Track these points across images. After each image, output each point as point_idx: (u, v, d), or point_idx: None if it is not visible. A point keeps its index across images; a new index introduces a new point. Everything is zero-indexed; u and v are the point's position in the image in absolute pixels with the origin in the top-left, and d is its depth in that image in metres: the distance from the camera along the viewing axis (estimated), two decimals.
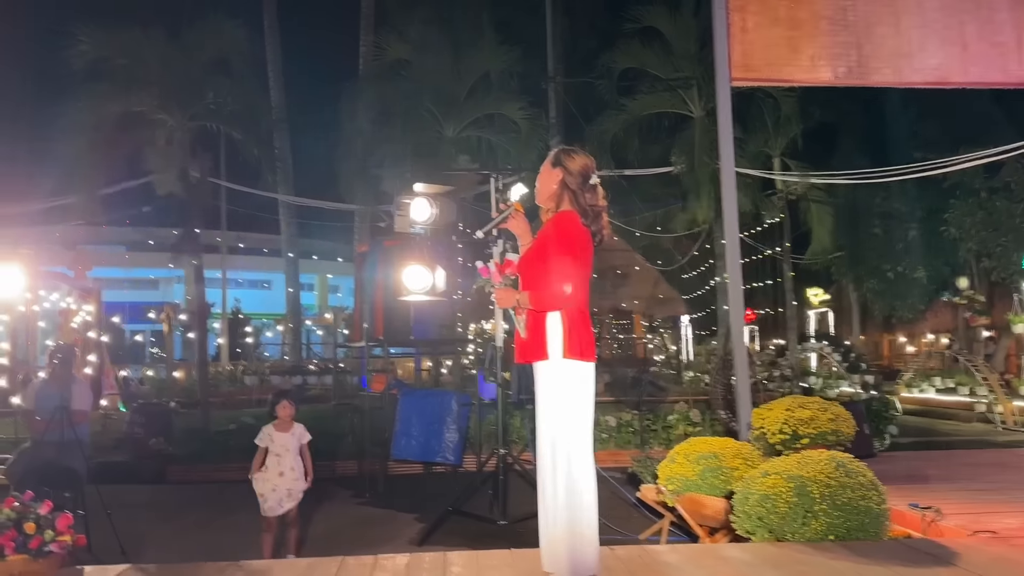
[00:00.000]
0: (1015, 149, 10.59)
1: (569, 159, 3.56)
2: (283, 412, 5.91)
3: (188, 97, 12.48)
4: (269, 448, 5.79)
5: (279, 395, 6.14)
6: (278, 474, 5.75)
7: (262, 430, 5.90)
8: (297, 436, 5.93)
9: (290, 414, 5.96)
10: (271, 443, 5.80)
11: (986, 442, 12.38)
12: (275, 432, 5.83)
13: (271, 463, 5.75)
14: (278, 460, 5.76)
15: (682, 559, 4.08)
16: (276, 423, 5.89)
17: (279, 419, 5.90)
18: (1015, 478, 6.56)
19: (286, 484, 5.76)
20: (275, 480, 5.75)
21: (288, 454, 5.80)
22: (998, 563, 3.90)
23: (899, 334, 28.35)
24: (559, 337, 3.34)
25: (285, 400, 6.01)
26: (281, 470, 5.76)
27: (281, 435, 5.83)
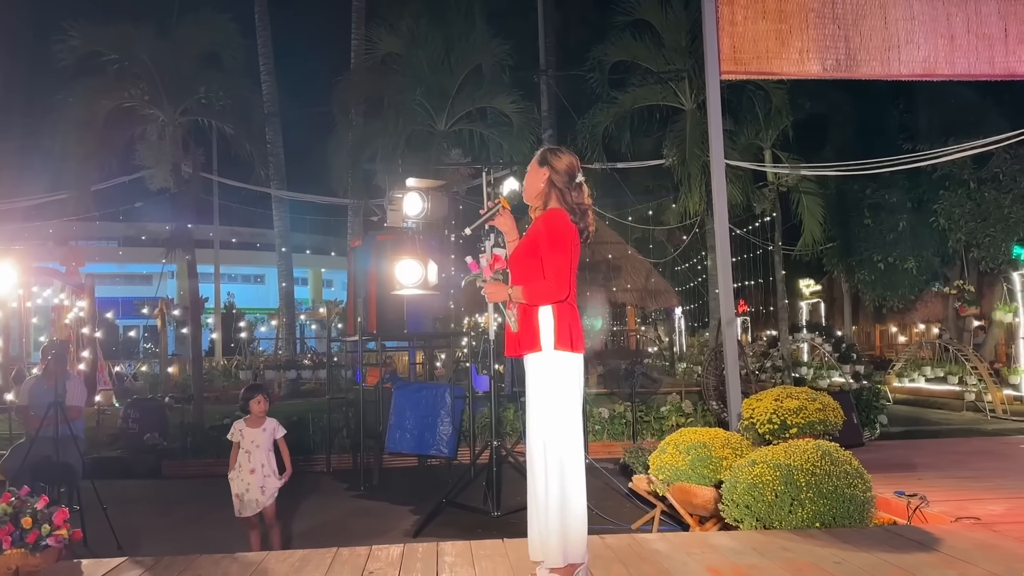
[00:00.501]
0: (1004, 140, 10.65)
1: (555, 158, 3.62)
2: (257, 407, 5.72)
3: (179, 91, 12.45)
4: (240, 444, 5.62)
5: (253, 389, 5.91)
6: (249, 471, 5.56)
7: (233, 425, 5.74)
8: (270, 431, 5.72)
9: (264, 409, 5.76)
10: (241, 439, 5.63)
11: (975, 431, 12.48)
12: (246, 428, 5.65)
13: (242, 460, 5.59)
14: (248, 457, 5.58)
15: (670, 547, 4.15)
16: (248, 418, 5.71)
17: (252, 414, 5.71)
18: (1001, 466, 6.65)
19: (258, 482, 5.56)
20: (247, 478, 5.56)
21: (259, 450, 5.60)
22: (979, 548, 3.97)
23: (890, 324, 28.52)
24: (550, 329, 3.43)
25: (260, 394, 5.80)
26: (252, 467, 5.57)
27: (252, 430, 5.64)
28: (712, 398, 12.11)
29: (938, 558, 3.83)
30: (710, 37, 8.07)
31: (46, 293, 16.93)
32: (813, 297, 25.53)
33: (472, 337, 13.48)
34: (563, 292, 3.43)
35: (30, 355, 16.42)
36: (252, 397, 5.72)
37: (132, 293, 33.95)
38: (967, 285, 18.28)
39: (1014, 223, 14.72)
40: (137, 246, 37.18)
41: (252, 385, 6.12)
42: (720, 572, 3.66)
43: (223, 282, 26.34)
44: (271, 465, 5.63)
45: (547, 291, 3.42)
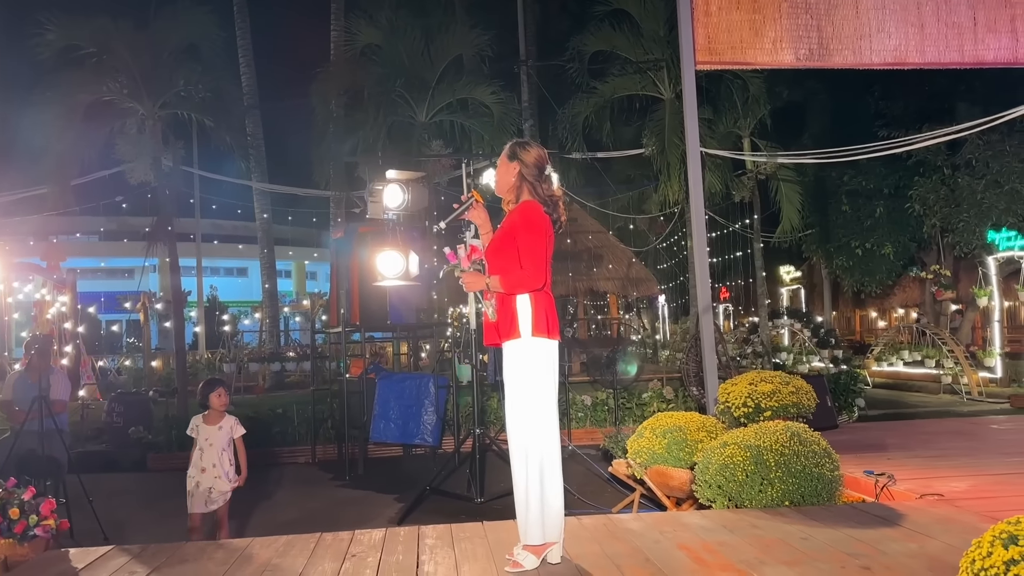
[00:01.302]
0: (975, 126, 10.84)
1: (524, 152, 3.72)
2: (218, 401, 5.40)
3: (158, 85, 12.42)
4: (196, 440, 5.34)
5: (212, 383, 5.56)
6: (201, 469, 5.27)
7: (192, 420, 5.45)
8: (227, 430, 5.39)
9: (225, 403, 5.44)
10: (197, 435, 5.34)
11: (951, 412, 12.70)
12: (202, 424, 5.36)
13: (195, 456, 5.31)
14: (201, 454, 5.30)
15: (644, 526, 4.28)
16: (206, 414, 5.41)
17: (211, 409, 5.40)
18: (969, 445, 6.83)
19: (208, 482, 5.26)
20: (198, 476, 5.27)
21: (212, 449, 5.30)
22: (940, 522, 4.13)
23: (869, 309, 28.87)
24: (528, 317, 3.54)
25: (220, 387, 5.49)
26: (203, 465, 5.28)
27: (208, 427, 5.34)
28: (692, 384, 12.28)
29: (900, 532, 3.97)
30: (685, 28, 8.18)
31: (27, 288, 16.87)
32: (793, 283, 25.81)
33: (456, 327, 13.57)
34: (540, 281, 3.54)
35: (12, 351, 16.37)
36: (212, 391, 5.42)
37: (114, 287, 33.83)
38: (943, 270, 18.53)
39: (987, 208, 14.94)
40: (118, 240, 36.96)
41: (211, 379, 5.80)
42: (690, 549, 3.79)
43: (206, 275, 26.25)
44: (223, 466, 5.32)
45: (525, 280, 3.54)
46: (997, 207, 14.78)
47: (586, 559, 3.67)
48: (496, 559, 3.70)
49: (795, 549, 3.72)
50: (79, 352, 14.98)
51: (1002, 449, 6.50)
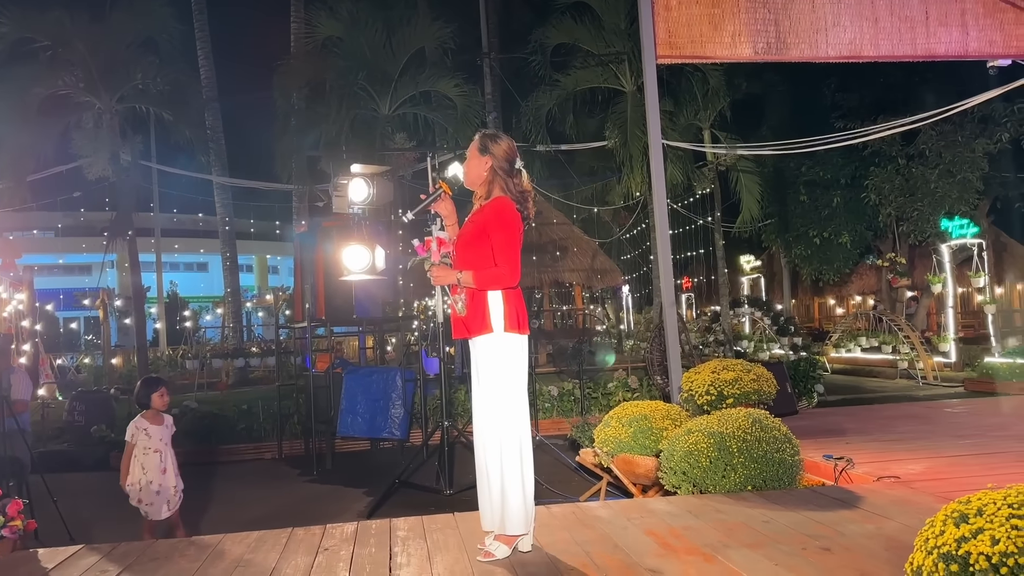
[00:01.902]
0: (928, 117, 11.08)
1: (495, 145, 3.74)
2: (160, 402, 5.29)
3: (116, 78, 12.25)
4: (142, 444, 5.14)
5: (154, 382, 5.43)
6: (162, 472, 5.13)
7: (132, 424, 5.23)
8: (169, 427, 5.34)
9: (167, 403, 5.37)
10: (146, 438, 5.15)
11: (908, 397, 13.02)
12: (150, 425, 5.20)
13: (150, 462, 5.11)
14: (159, 456, 5.14)
15: (612, 513, 4.38)
16: (149, 414, 5.24)
17: (153, 409, 5.25)
18: (924, 428, 7.04)
19: (171, 482, 5.17)
20: (159, 479, 5.12)
21: (168, 448, 5.22)
22: (896, 504, 4.28)
23: (827, 297, 29.39)
24: (500, 313, 3.58)
25: (163, 387, 5.38)
26: (164, 467, 5.16)
27: (157, 428, 5.21)
28: (657, 373, 12.45)
29: (858, 514, 4.11)
30: (646, 22, 8.26)
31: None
32: (753, 272, 26.18)
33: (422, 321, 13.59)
34: (515, 279, 3.59)
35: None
36: (154, 390, 5.28)
37: (72, 284, 33.16)
38: (899, 258, 18.96)
39: (940, 197, 15.31)
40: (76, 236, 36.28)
41: (151, 377, 5.66)
42: (657, 534, 3.89)
43: (165, 271, 25.89)
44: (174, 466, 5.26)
45: (500, 278, 3.57)
46: (950, 196, 15.17)
47: (556, 547, 3.75)
48: (468, 549, 3.76)
49: (758, 532, 3.84)
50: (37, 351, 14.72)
51: (956, 432, 6.71)
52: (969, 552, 2.50)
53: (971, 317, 20.00)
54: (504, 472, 3.55)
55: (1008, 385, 12.47)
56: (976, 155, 14.86)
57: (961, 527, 2.61)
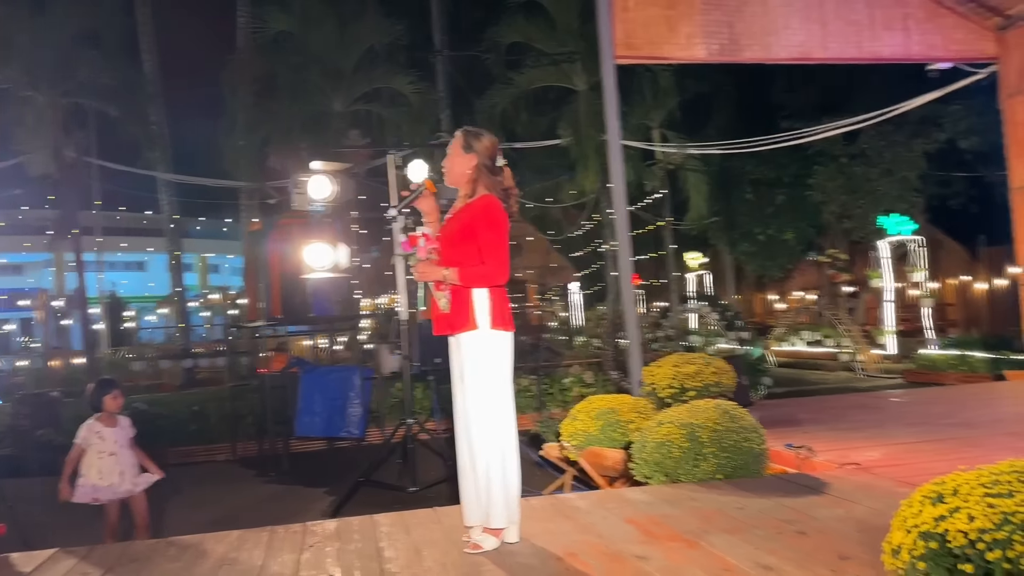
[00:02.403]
0: (871, 118, 11.48)
1: (479, 142, 3.76)
2: (113, 403, 5.23)
3: (59, 72, 11.91)
4: (96, 448, 5.08)
5: (107, 384, 5.36)
6: (118, 473, 5.08)
7: (83, 427, 5.16)
8: (126, 429, 5.28)
9: (120, 405, 5.31)
10: (100, 441, 5.09)
11: (850, 388, 13.46)
12: (104, 428, 5.15)
13: (106, 465, 5.07)
14: (115, 459, 5.09)
15: (589, 504, 4.47)
16: (102, 417, 5.18)
17: (106, 412, 5.20)
18: (875, 417, 7.31)
19: (126, 485, 5.11)
20: (114, 479, 5.07)
21: (124, 451, 5.15)
22: (861, 489, 4.46)
23: (770, 292, 30.09)
24: (486, 310, 3.62)
25: (116, 389, 5.33)
26: (121, 468, 5.10)
27: (111, 430, 5.16)
28: (612, 367, 12.65)
29: (827, 499, 4.28)
30: (604, 22, 8.39)
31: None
32: (700, 269, 26.69)
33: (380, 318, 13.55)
34: (504, 277, 3.64)
35: None
36: (107, 392, 5.24)
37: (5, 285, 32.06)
38: (840, 254, 19.55)
39: (880, 195, 15.87)
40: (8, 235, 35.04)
41: (104, 379, 5.59)
42: (638, 522, 3.99)
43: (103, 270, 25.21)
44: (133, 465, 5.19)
45: (488, 276, 3.61)
46: (890, 194, 15.73)
47: (540, 537, 3.82)
48: (455, 543, 3.81)
49: (733, 518, 3.97)
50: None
51: (905, 420, 6.99)
52: (947, 529, 2.64)
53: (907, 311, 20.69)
54: (490, 467, 3.60)
55: (945, 376, 12.95)
56: (915, 155, 15.45)
57: (938, 506, 2.76)
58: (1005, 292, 20.13)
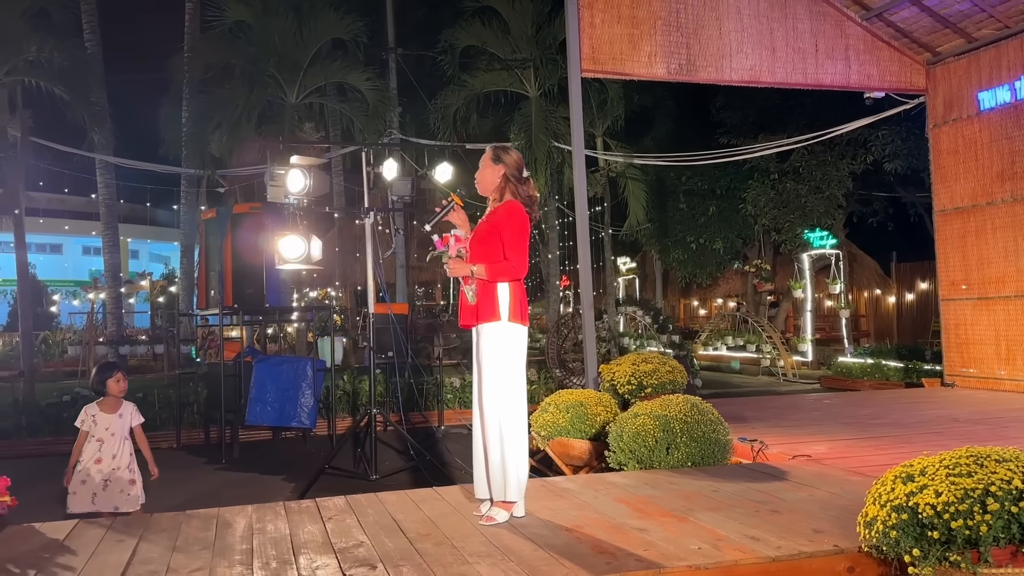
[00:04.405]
0: (810, 139, 12.27)
1: (506, 155, 4.22)
2: (116, 387, 4.97)
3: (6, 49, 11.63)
4: (90, 433, 4.85)
5: (110, 367, 5.11)
6: (95, 461, 4.79)
7: (84, 410, 4.93)
8: (126, 417, 4.98)
9: (124, 389, 5.03)
10: (93, 426, 4.85)
11: (772, 391, 14.25)
12: (100, 413, 4.89)
13: (89, 449, 4.81)
14: (100, 446, 4.82)
15: (577, 486, 4.88)
16: (102, 401, 4.96)
17: (108, 396, 4.96)
18: (812, 416, 7.96)
19: (104, 474, 4.79)
20: (91, 467, 4.77)
21: (113, 439, 4.86)
22: (817, 476, 5.00)
23: (693, 298, 31.22)
24: (507, 303, 4.03)
25: (119, 372, 5.04)
26: (100, 456, 4.80)
27: (107, 416, 4.89)
28: (555, 366, 13.10)
29: (789, 485, 4.79)
30: (572, 37, 8.82)
31: None
32: (629, 273, 27.53)
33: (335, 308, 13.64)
34: (523, 271, 4.06)
35: None
36: (109, 375, 4.98)
37: None
38: (764, 264, 20.57)
39: (809, 211, 16.84)
40: None
41: (107, 362, 5.38)
42: (627, 501, 4.42)
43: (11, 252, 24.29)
44: (124, 458, 4.88)
45: (510, 270, 4.02)
46: (818, 210, 16.72)
47: (543, 513, 4.20)
48: (466, 515, 4.16)
49: (713, 499, 4.44)
50: None
51: (840, 420, 7.64)
52: (917, 503, 3.15)
53: (823, 320, 21.88)
54: (506, 446, 3.99)
55: (859, 383, 13.88)
56: (842, 174, 16.47)
57: (908, 484, 3.27)
58: (914, 306, 21.56)
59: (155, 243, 43.35)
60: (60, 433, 10.30)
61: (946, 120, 10.11)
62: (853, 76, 9.78)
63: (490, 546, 3.61)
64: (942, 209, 10.29)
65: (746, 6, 9.46)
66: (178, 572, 3.35)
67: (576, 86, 8.83)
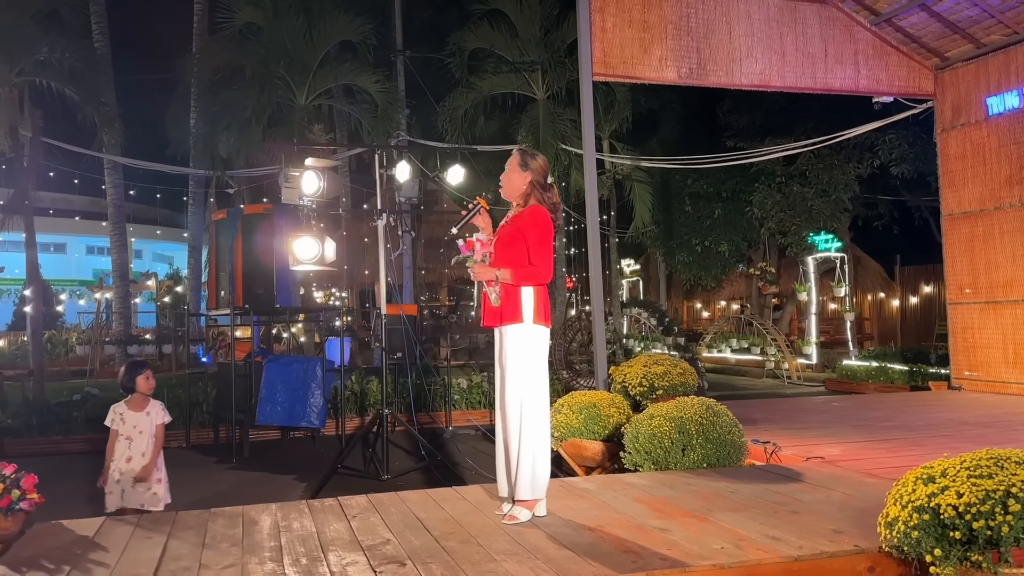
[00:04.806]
0: (819, 143, 12.31)
1: (534, 161, 4.27)
2: (146, 384, 5.05)
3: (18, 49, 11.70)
4: (119, 431, 4.92)
5: (138, 365, 5.18)
6: (125, 460, 4.88)
7: (112, 409, 4.98)
8: (154, 416, 5.06)
9: (152, 387, 5.10)
10: (121, 424, 4.92)
11: (777, 394, 14.30)
12: (127, 411, 4.96)
13: (119, 448, 4.89)
14: (129, 444, 4.90)
15: (596, 487, 4.93)
16: (130, 400, 5.02)
17: (137, 394, 5.02)
18: (822, 419, 8.01)
19: (132, 473, 4.88)
20: (122, 466, 4.87)
21: (141, 437, 4.94)
22: (832, 478, 5.05)
23: (696, 300, 31.29)
24: (531, 305, 4.10)
25: (148, 370, 5.12)
26: (130, 454, 4.89)
27: (134, 414, 4.96)
28: (562, 368, 13.15)
29: (805, 486, 4.85)
30: (584, 41, 8.87)
31: None
32: (633, 276, 27.58)
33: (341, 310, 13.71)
34: (549, 277, 4.13)
35: None
36: (139, 373, 5.05)
37: None
38: (769, 267, 20.63)
39: (816, 214, 16.91)
40: None
41: (136, 361, 5.45)
42: (646, 502, 4.47)
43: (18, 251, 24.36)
44: (151, 454, 4.96)
45: (535, 275, 4.09)
46: (824, 213, 16.78)
47: (564, 512, 4.26)
48: (488, 515, 4.22)
49: (731, 500, 4.49)
50: None
51: (850, 423, 7.69)
52: (939, 504, 3.20)
53: (827, 323, 21.93)
54: (530, 445, 4.05)
55: (864, 385, 13.91)
56: (849, 177, 16.53)
57: (929, 485, 3.32)
58: (917, 309, 21.61)
59: (158, 243, 43.50)
60: (70, 432, 10.39)
61: (954, 125, 10.16)
62: (862, 81, 9.84)
63: (515, 544, 3.66)
64: (950, 213, 10.33)
65: (756, 11, 9.52)
66: (211, 568, 3.41)
67: (588, 90, 8.89)
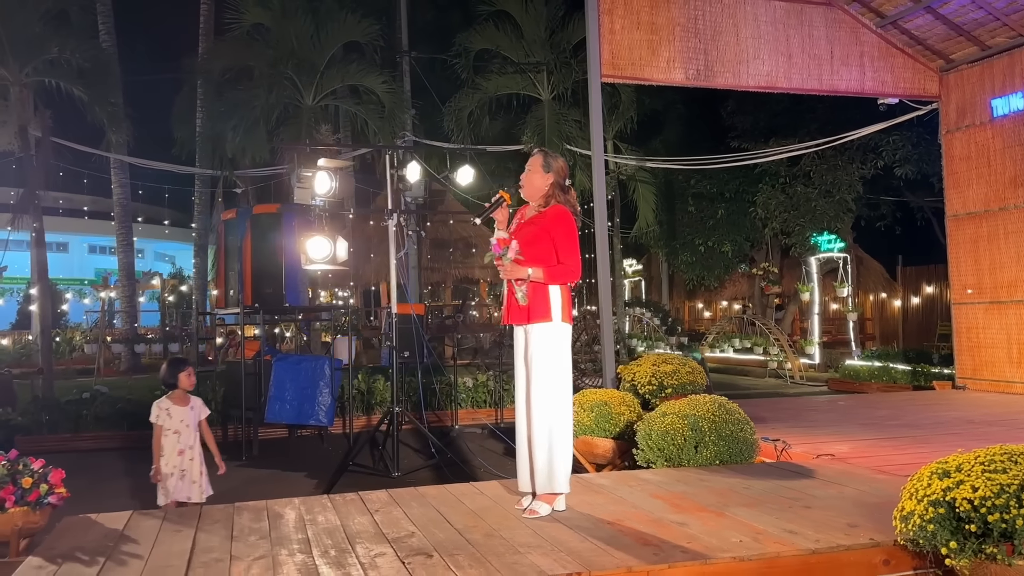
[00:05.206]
0: (826, 143, 12.39)
1: (556, 163, 4.36)
2: (187, 381, 5.20)
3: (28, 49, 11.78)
4: (165, 426, 5.07)
5: (180, 362, 5.35)
6: (177, 453, 5.06)
7: (155, 405, 5.14)
8: (197, 410, 5.24)
9: (194, 383, 5.28)
10: (168, 419, 5.07)
11: (780, 393, 14.36)
12: (173, 406, 5.13)
13: (168, 443, 5.05)
14: (178, 438, 5.07)
15: (612, 482, 5.01)
16: (173, 395, 5.17)
17: (179, 390, 5.18)
18: (829, 418, 8.10)
19: (184, 464, 5.07)
20: (174, 460, 5.04)
21: (188, 430, 5.13)
22: (843, 475, 5.13)
23: (698, 300, 31.37)
24: (559, 304, 4.20)
25: (189, 366, 5.27)
26: (181, 447, 5.07)
27: (180, 409, 5.13)
28: None
29: (817, 483, 4.93)
30: (592, 43, 8.95)
31: None
32: (635, 276, 27.67)
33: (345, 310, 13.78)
34: (578, 275, 4.22)
35: None
36: (181, 370, 5.20)
37: None
38: (771, 267, 20.72)
39: (819, 214, 17.00)
40: None
41: (178, 358, 5.60)
42: (663, 497, 4.55)
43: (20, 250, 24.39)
44: (198, 448, 5.16)
45: (567, 273, 4.19)
46: (828, 214, 16.86)
47: (582, 507, 4.34)
48: (508, 509, 4.30)
49: (745, 495, 4.57)
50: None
51: (856, 421, 7.78)
52: (954, 498, 3.29)
53: (829, 324, 22.04)
54: (554, 440, 4.14)
55: (867, 385, 13.97)
56: (852, 178, 16.62)
57: (945, 480, 3.41)
58: (919, 309, 21.70)
59: (160, 242, 43.56)
60: (80, 430, 10.45)
61: (959, 126, 10.25)
62: (867, 82, 9.92)
63: (538, 537, 3.74)
64: (955, 214, 10.42)
65: (763, 13, 9.61)
66: (242, 560, 3.49)
67: (596, 92, 8.96)
